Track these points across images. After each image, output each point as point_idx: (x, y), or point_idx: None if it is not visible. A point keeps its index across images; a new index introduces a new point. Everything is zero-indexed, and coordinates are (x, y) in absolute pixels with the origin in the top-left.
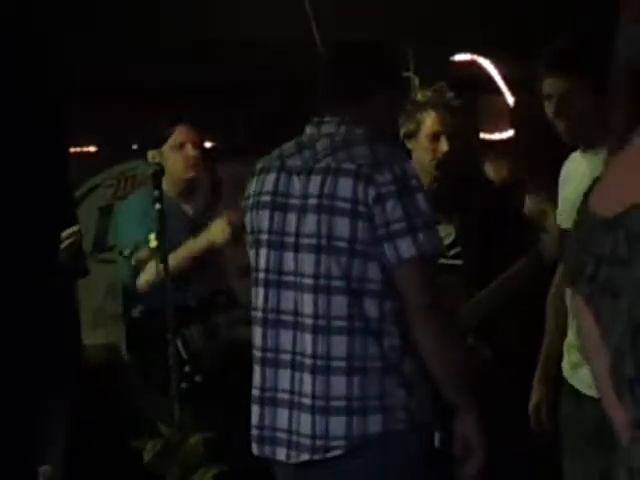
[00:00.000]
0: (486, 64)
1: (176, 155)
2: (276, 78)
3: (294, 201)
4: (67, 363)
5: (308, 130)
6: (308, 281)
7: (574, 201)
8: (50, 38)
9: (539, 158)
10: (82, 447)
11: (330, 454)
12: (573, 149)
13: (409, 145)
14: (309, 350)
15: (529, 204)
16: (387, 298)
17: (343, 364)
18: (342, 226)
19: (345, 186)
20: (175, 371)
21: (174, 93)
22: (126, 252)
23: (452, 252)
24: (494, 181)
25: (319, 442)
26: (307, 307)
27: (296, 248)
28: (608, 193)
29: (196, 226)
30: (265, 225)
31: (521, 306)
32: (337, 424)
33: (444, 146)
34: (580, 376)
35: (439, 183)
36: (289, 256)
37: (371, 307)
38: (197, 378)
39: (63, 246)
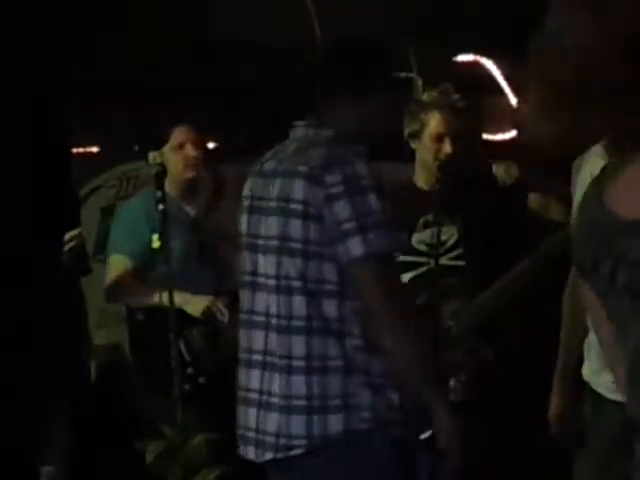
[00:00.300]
0: (489, 64)
1: (176, 155)
2: (276, 78)
3: (264, 204)
4: (68, 363)
5: (290, 134)
6: (272, 282)
7: None
8: (50, 38)
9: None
10: (84, 448)
11: (292, 453)
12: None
13: (413, 145)
14: (276, 350)
15: (532, 198)
16: (346, 299)
17: (302, 363)
18: (295, 228)
19: (298, 188)
20: (178, 372)
21: (174, 93)
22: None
23: (455, 253)
24: (504, 182)
25: (282, 441)
26: (272, 308)
27: (264, 250)
28: (632, 196)
29: (198, 227)
30: (244, 228)
31: (523, 307)
32: (298, 423)
33: (447, 147)
34: (603, 381)
35: (442, 184)
36: (260, 258)
37: (330, 308)
38: (200, 379)
39: (65, 248)
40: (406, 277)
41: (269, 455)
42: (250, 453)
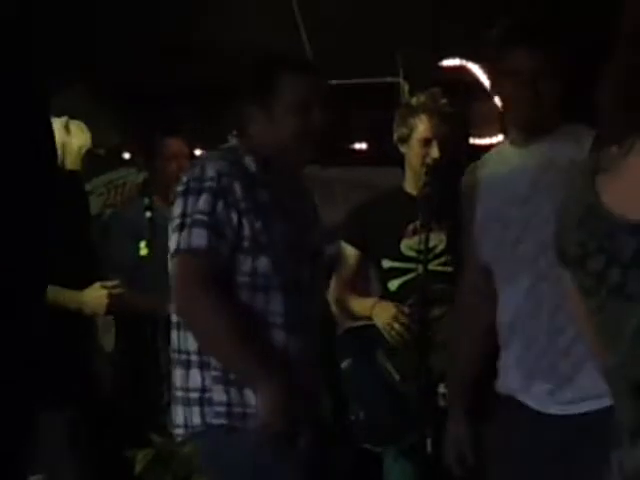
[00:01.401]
0: (475, 69)
1: (169, 167)
2: None
3: None
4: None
5: None
6: None
7: None
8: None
9: None
10: (71, 456)
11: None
12: None
13: (402, 149)
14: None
15: None
16: None
17: (176, 356)
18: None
19: None
20: (167, 379)
21: (163, 98)
22: None
23: (444, 259)
24: None
25: (177, 430)
26: None
27: None
28: (631, 195)
29: None
30: None
31: None
32: (177, 412)
33: (435, 152)
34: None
35: (430, 189)
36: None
37: None
38: None
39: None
40: (395, 283)
41: None
42: None
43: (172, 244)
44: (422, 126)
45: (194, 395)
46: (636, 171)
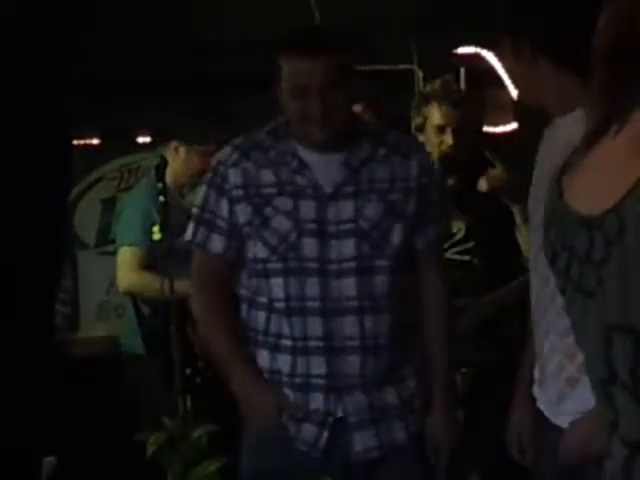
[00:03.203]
0: (489, 57)
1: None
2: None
3: None
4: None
5: None
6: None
7: None
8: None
9: None
10: (84, 440)
11: None
12: None
13: (421, 138)
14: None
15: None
16: None
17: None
18: None
19: None
20: (179, 364)
21: (174, 87)
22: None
23: (462, 247)
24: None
25: None
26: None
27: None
28: (587, 190)
29: None
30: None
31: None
32: None
33: (449, 139)
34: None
35: (451, 177)
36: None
37: None
38: (209, 372)
39: None
40: None
41: None
42: None
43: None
44: (436, 114)
45: None
46: (591, 167)
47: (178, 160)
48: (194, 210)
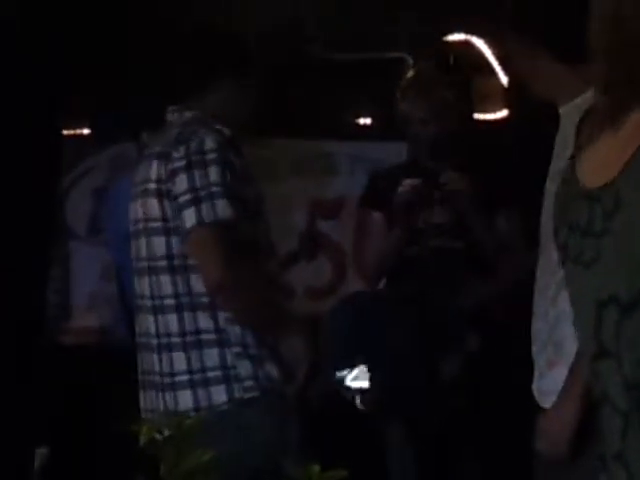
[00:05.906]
0: (479, 44)
1: None
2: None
3: (135, 189)
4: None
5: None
6: (143, 264)
7: None
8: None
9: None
10: (77, 430)
11: None
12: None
13: (406, 126)
14: (152, 330)
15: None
16: None
17: (179, 340)
18: (153, 207)
19: (152, 168)
20: None
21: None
22: None
23: (451, 234)
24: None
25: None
26: (146, 289)
27: (136, 235)
28: (594, 165)
29: None
30: (129, 217)
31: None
32: (184, 398)
33: (431, 127)
34: None
35: (433, 164)
36: (134, 243)
37: (197, 282)
38: None
39: None
40: None
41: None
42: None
43: (188, 219)
44: (412, 108)
45: (214, 374)
46: (602, 140)
47: None
48: (213, 189)
